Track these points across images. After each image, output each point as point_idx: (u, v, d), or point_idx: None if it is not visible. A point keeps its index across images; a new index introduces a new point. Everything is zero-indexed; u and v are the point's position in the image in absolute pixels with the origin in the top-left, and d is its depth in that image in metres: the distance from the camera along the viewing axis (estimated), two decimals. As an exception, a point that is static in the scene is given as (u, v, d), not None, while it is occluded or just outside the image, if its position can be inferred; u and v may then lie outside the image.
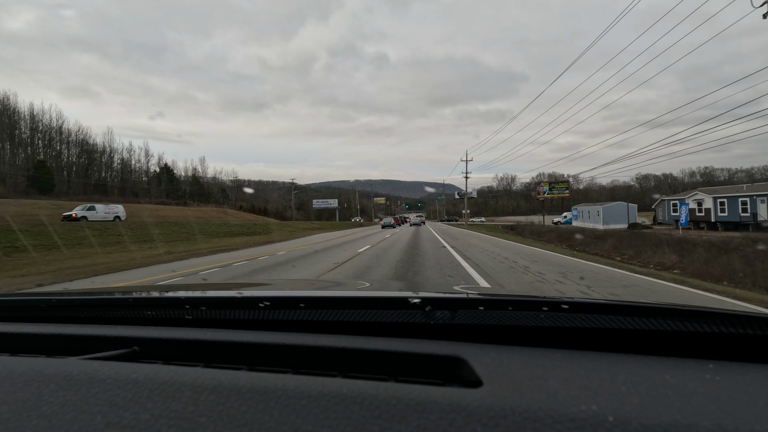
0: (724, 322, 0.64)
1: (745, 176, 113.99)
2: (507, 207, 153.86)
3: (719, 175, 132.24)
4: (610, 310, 0.70)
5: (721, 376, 0.55)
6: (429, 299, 0.77)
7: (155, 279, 7.93)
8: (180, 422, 0.47)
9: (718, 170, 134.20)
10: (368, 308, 0.81)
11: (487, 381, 0.55)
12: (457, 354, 0.64)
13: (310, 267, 9.23)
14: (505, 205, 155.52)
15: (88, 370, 0.60)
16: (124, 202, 47.15)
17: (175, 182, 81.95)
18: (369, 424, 0.45)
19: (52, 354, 0.80)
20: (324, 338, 0.73)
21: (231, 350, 0.74)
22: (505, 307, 0.75)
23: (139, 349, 0.77)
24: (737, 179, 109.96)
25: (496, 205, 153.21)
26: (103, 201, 38.30)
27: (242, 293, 0.97)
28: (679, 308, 0.68)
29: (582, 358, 0.63)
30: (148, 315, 0.94)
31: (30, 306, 1.04)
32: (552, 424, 0.43)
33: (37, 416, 0.50)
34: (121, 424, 0.47)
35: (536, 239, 21.40)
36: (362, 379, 0.56)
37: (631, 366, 0.59)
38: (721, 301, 5.46)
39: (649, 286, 6.48)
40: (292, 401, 0.50)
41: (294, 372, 0.65)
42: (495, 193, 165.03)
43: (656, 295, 5.63)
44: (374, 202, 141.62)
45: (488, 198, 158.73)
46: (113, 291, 1.22)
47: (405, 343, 0.69)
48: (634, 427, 0.43)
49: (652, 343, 0.68)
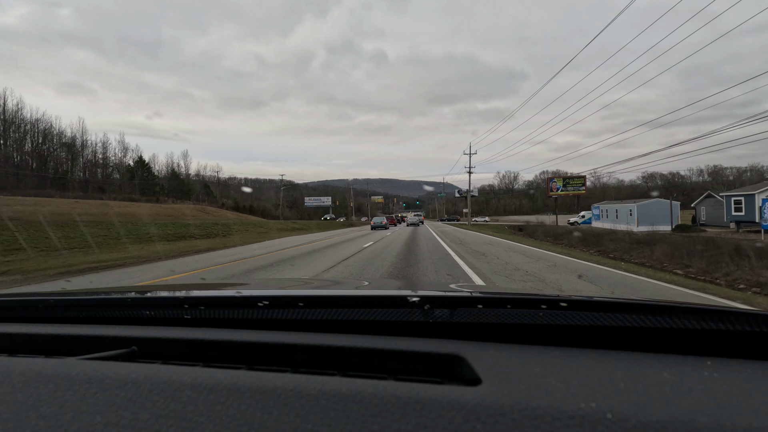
0: (721, 319, 0.65)
1: (755, 175, 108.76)
2: (509, 206, 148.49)
3: (727, 173, 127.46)
4: (608, 308, 0.70)
5: (719, 373, 0.55)
6: (428, 298, 0.77)
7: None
8: (179, 422, 0.47)
9: (727, 169, 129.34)
10: (367, 307, 0.81)
11: (486, 379, 0.55)
12: (456, 352, 0.64)
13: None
14: (507, 204, 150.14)
15: (87, 370, 0.60)
16: (82, 197, 41.17)
17: (151, 178, 75.72)
18: (368, 422, 0.45)
19: (51, 354, 0.80)
20: (323, 337, 0.73)
21: (230, 350, 0.74)
22: (504, 305, 0.75)
23: (138, 349, 0.77)
24: (746, 179, 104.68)
25: (498, 204, 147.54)
26: (54, 196, 32.48)
27: (241, 292, 0.97)
28: (676, 305, 0.68)
29: (580, 355, 0.63)
30: (147, 315, 0.93)
31: (28, 306, 1.04)
32: (551, 421, 0.44)
33: (36, 416, 0.50)
34: (120, 424, 0.47)
35: (553, 242, 18.38)
36: (361, 378, 0.56)
37: (629, 363, 0.59)
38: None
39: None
40: (292, 400, 0.49)
41: (293, 371, 0.65)
42: (496, 192, 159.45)
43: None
44: (372, 200, 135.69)
45: (490, 197, 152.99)
46: (112, 291, 1.22)
47: (404, 342, 0.70)
48: (632, 424, 0.43)
49: (650, 341, 0.68)
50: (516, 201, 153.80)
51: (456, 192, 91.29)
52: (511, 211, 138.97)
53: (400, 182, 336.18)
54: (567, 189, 52.97)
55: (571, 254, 11.96)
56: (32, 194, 40.60)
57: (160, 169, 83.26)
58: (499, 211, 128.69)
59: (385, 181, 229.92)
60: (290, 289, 1.27)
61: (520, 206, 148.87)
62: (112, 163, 76.51)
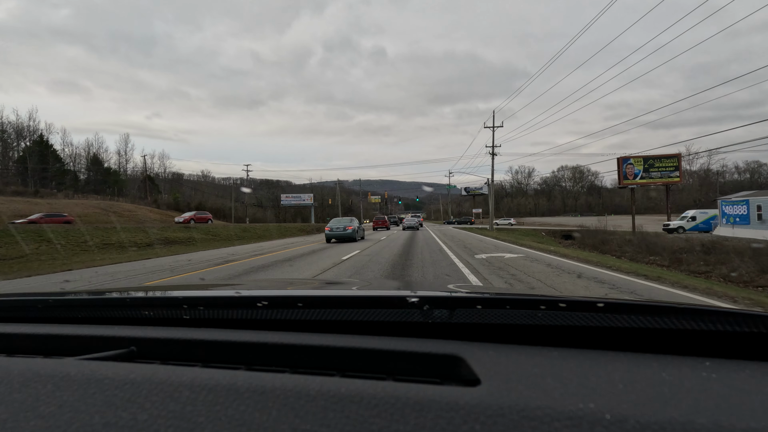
0: (720, 320, 0.65)
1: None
2: (523, 206, 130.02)
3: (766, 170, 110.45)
4: (607, 309, 0.70)
5: (717, 374, 0.55)
6: (427, 298, 0.78)
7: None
8: (178, 422, 0.47)
9: (765, 165, 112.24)
10: (366, 307, 0.81)
11: (485, 379, 0.55)
12: (455, 353, 0.64)
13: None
14: (521, 204, 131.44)
15: (86, 370, 0.60)
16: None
17: (55, 164, 58.21)
18: (367, 423, 0.45)
19: (49, 354, 0.80)
20: (322, 337, 0.73)
21: (229, 350, 0.74)
22: (503, 306, 0.75)
23: (137, 349, 0.77)
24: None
25: (511, 204, 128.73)
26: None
27: (240, 293, 0.98)
28: (675, 306, 0.68)
29: (579, 356, 0.63)
30: (146, 315, 0.93)
31: (27, 306, 1.04)
32: (550, 422, 0.44)
33: (35, 417, 0.50)
34: (119, 425, 0.47)
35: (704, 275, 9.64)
36: (360, 379, 0.56)
37: (628, 364, 0.59)
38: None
39: None
40: (291, 401, 0.49)
41: (292, 371, 0.65)
42: (508, 192, 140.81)
43: None
44: (368, 200, 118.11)
45: (502, 195, 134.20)
46: (111, 291, 1.22)
47: (403, 342, 0.70)
48: (631, 425, 0.43)
49: (649, 341, 0.68)
50: (530, 200, 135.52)
51: (463, 190, 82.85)
52: (527, 212, 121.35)
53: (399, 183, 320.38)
54: (650, 176, 34.01)
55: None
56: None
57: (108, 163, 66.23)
58: (512, 212, 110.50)
59: (386, 182, 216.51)
60: (289, 290, 1.28)
61: (536, 206, 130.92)
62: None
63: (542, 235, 29.44)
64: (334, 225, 20.13)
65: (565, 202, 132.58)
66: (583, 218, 46.53)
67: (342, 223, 20.54)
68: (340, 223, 20.60)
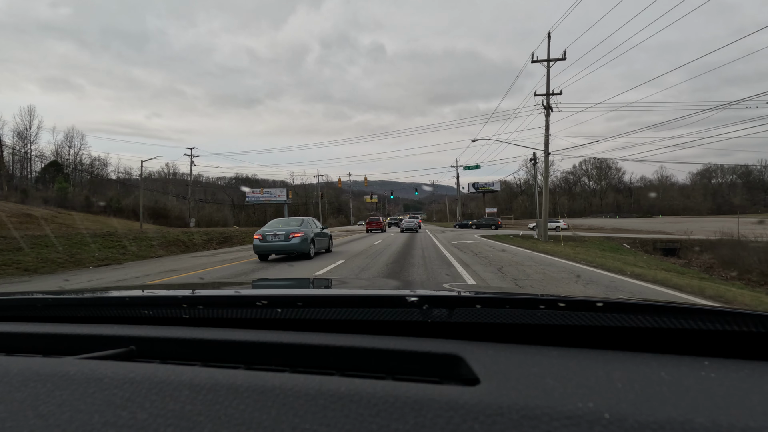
0: (719, 320, 0.65)
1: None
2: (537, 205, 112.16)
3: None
4: (607, 308, 0.70)
5: (716, 373, 0.55)
6: (427, 297, 0.78)
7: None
8: (178, 421, 0.47)
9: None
10: (366, 307, 0.81)
11: (485, 379, 0.55)
12: (455, 352, 0.64)
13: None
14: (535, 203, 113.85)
15: (85, 369, 0.60)
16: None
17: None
18: (367, 422, 0.45)
19: (49, 353, 0.79)
20: (322, 337, 0.73)
21: (228, 349, 0.74)
22: (503, 305, 0.76)
23: (136, 348, 0.77)
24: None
25: (527, 203, 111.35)
26: None
27: (240, 292, 0.99)
28: (674, 306, 0.68)
29: (578, 355, 0.63)
30: (145, 314, 0.93)
31: (26, 305, 1.04)
32: (549, 421, 0.44)
33: (34, 416, 0.49)
34: (118, 424, 0.47)
35: None
36: (360, 378, 0.56)
37: (627, 363, 0.59)
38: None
39: None
40: (290, 400, 0.49)
41: (292, 371, 0.65)
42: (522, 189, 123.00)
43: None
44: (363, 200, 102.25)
45: (517, 192, 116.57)
46: (110, 290, 1.22)
47: (402, 342, 0.70)
48: (630, 424, 0.43)
49: (647, 341, 0.69)
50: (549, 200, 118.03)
51: (468, 187, 76.77)
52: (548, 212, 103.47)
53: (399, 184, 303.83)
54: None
55: None
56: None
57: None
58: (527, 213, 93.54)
59: (385, 183, 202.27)
60: (289, 289, 1.27)
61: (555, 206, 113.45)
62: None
63: (628, 248, 21.94)
64: (268, 231, 11.82)
65: (590, 201, 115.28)
66: (625, 220, 38.67)
67: (285, 227, 11.99)
68: (281, 227, 12.04)
